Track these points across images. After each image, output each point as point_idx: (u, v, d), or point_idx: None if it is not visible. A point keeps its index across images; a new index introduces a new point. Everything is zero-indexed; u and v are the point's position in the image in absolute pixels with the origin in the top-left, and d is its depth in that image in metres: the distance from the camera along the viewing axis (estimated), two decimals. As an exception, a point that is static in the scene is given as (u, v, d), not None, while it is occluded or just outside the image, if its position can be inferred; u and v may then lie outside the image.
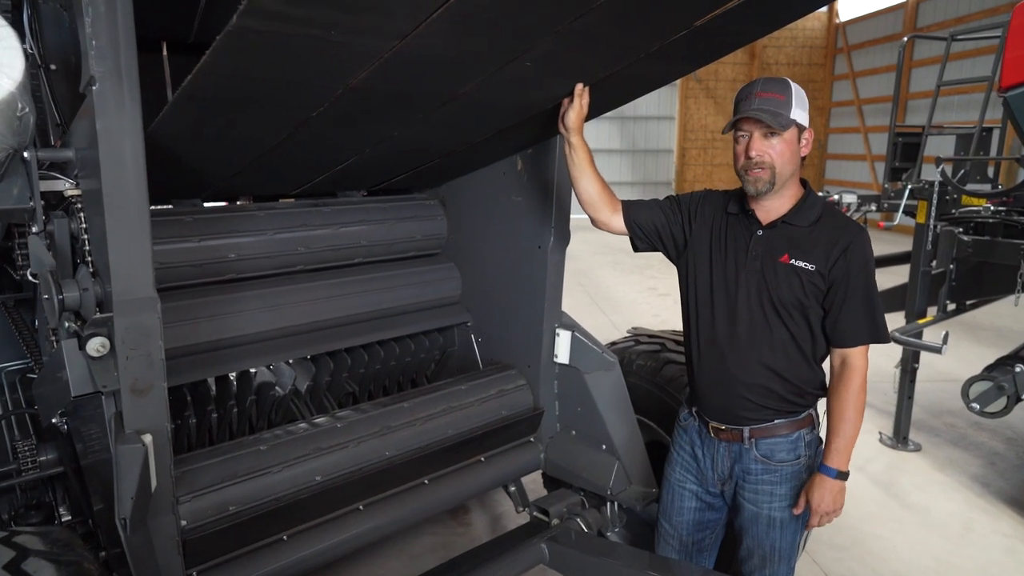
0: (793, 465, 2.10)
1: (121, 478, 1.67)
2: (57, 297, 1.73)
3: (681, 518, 2.31)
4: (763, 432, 2.09)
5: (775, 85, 1.95)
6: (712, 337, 2.12)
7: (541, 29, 1.62)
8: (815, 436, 2.14)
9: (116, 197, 1.60)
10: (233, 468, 2.17)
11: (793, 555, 2.20)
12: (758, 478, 2.13)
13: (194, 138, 1.92)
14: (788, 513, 2.12)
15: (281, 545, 2.22)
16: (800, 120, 1.94)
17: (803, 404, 2.10)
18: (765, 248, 2.02)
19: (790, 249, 1.99)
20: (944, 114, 12.36)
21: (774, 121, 1.90)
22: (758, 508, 2.14)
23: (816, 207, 2.02)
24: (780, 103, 1.92)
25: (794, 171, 1.99)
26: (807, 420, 2.11)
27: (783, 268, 1.99)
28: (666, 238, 2.24)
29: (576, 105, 2.11)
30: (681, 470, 2.30)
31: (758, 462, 2.11)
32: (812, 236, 1.99)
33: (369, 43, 1.48)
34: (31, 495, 2.42)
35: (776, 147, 1.93)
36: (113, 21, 1.50)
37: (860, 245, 1.96)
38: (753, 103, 1.93)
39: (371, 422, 2.52)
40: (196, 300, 2.45)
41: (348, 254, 2.89)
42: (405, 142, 2.27)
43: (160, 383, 1.77)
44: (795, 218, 2.01)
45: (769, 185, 1.96)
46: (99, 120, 1.54)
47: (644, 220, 2.25)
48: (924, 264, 4.54)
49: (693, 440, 2.26)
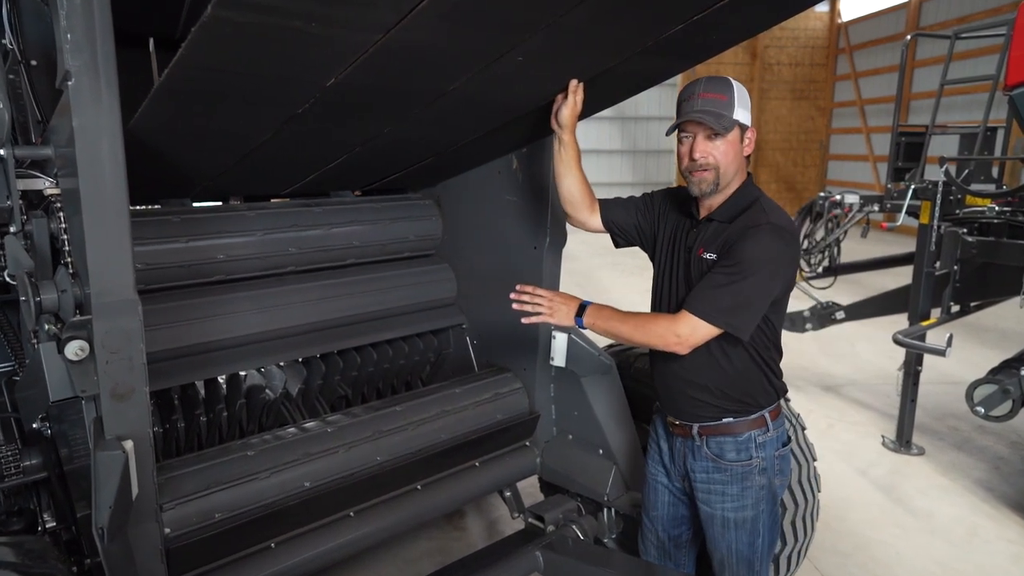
0: (744, 466, 2.07)
1: (100, 486, 1.62)
2: (34, 299, 1.69)
3: (657, 512, 2.32)
4: (712, 430, 2.08)
5: (717, 85, 1.94)
6: None
7: (531, 23, 1.57)
8: (770, 438, 2.09)
9: (94, 196, 1.55)
10: (219, 474, 2.12)
11: (754, 558, 2.16)
12: (709, 476, 2.11)
13: (176, 134, 1.87)
14: (742, 514, 2.10)
15: (269, 553, 2.17)
16: (743, 120, 1.95)
17: (753, 404, 2.06)
18: (694, 242, 2.05)
19: (706, 243, 2.01)
20: (948, 114, 12.29)
21: (717, 124, 1.90)
22: (711, 508, 2.13)
23: (742, 201, 2.00)
24: (722, 104, 1.92)
25: (737, 170, 1.99)
26: (759, 421, 2.07)
27: (697, 260, 2.02)
28: (641, 235, 2.27)
29: (571, 102, 2.11)
30: (653, 464, 2.31)
31: (709, 460, 2.10)
32: (727, 229, 1.98)
33: (351, 36, 1.43)
34: (14, 501, 2.37)
35: (720, 148, 1.94)
36: (89, 13, 1.44)
37: (756, 234, 1.89)
38: (696, 104, 1.93)
39: (362, 426, 2.48)
40: (184, 302, 2.41)
41: (340, 255, 2.84)
42: (396, 140, 2.22)
43: (142, 387, 1.72)
44: (719, 213, 2.02)
45: (713, 186, 1.97)
46: (75, 116, 1.49)
47: (620, 219, 2.28)
48: (928, 265, 4.47)
49: (659, 433, 2.28)
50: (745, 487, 2.08)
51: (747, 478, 2.08)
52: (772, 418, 2.09)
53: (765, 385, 2.07)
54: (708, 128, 1.92)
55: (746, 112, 1.96)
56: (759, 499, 2.09)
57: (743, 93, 1.97)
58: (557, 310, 2.08)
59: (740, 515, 2.10)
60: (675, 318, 1.93)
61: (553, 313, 2.08)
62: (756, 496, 2.09)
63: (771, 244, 1.90)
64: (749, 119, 1.98)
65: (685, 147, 1.98)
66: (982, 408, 3.83)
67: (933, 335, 4.44)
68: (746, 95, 1.98)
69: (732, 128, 1.93)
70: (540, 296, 2.10)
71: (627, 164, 20.42)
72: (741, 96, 1.95)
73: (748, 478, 2.08)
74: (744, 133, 1.98)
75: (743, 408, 2.06)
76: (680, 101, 1.98)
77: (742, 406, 2.06)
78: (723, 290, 1.89)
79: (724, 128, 1.91)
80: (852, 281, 7.64)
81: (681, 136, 2.00)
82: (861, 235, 5.96)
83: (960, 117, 12.47)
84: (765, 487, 2.10)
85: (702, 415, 2.08)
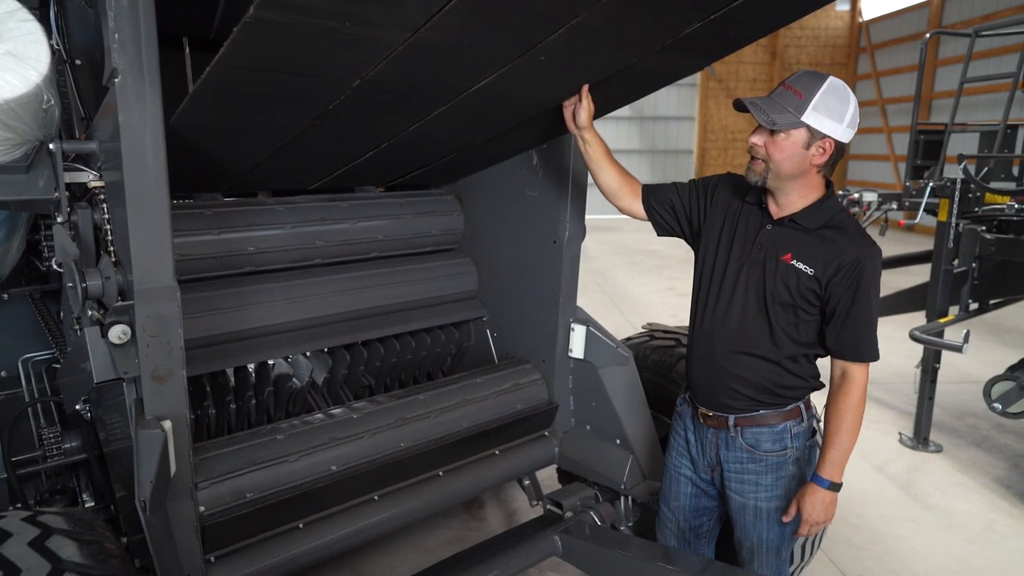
0: (779, 456, 2.10)
1: (141, 462, 1.71)
2: (80, 285, 1.78)
3: (678, 503, 2.34)
4: (748, 421, 2.10)
5: (803, 81, 1.86)
6: (705, 322, 2.14)
7: (554, 22, 1.63)
8: (804, 429, 2.13)
9: (137, 187, 1.64)
10: (251, 456, 2.21)
11: (783, 547, 2.20)
12: (743, 467, 2.14)
13: (213, 131, 1.96)
14: (774, 504, 2.13)
15: (297, 533, 2.25)
16: (817, 125, 1.84)
17: (790, 397, 2.09)
18: (771, 243, 2.02)
19: (795, 249, 1.98)
20: (970, 113, 12.16)
21: (762, 118, 1.86)
22: (744, 498, 2.16)
23: (828, 212, 1.98)
24: (795, 100, 1.84)
25: (798, 174, 1.92)
26: (795, 412, 2.10)
27: (783, 266, 1.98)
28: (683, 222, 2.24)
29: (585, 104, 2.13)
30: (677, 455, 2.33)
31: (743, 451, 2.12)
32: (819, 241, 1.96)
33: (383, 35, 1.51)
34: (55, 481, 2.48)
35: (773, 144, 1.89)
36: (135, 15, 1.53)
37: (871, 262, 1.93)
38: (773, 92, 1.91)
39: (386, 413, 2.55)
40: (215, 292, 2.50)
41: (365, 248, 2.93)
42: (421, 136, 2.29)
43: (179, 371, 1.80)
44: (803, 219, 1.98)
45: (761, 178, 1.94)
46: (121, 112, 1.58)
47: (662, 205, 2.26)
48: (946, 263, 4.48)
49: (687, 425, 2.28)
50: (779, 477, 2.11)
51: (781, 468, 2.11)
52: (806, 408, 2.13)
53: (803, 378, 2.09)
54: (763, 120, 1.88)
55: (826, 119, 1.84)
56: (791, 489, 2.12)
57: (833, 99, 1.83)
58: (828, 516, 2.04)
59: (773, 504, 2.13)
60: (853, 381, 1.98)
61: (828, 519, 2.05)
62: (788, 486, 2.12)
63: (880, 263, 1.96)
64: (830, 127, 1.85)
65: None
66: (999, 404, 3.84)
67: (951, 332, 4.44)
68: (838, 103, 1.84)
69: (788, 128, 1.85)
70: (816, 528, 2.06)
71: (646, 164, 20.40)
72: (826, 101, 1.83)
73: (782, 468, 2.11)
74: (815, 139, 1.86)
75: (780, 400, 2.08)
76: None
77: (780, 399, 2.08)
78: (870, 326, 1.96)
79: (771, 124, 1.85)
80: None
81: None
82: (880, 233, 5.95)
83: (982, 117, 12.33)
84: (797, 477, 2.13)
85: (739, 406, 2.10)
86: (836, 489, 2.02)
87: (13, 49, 1.56)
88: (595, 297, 9.25)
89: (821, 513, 2.01)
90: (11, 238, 2.26)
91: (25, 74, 1.56)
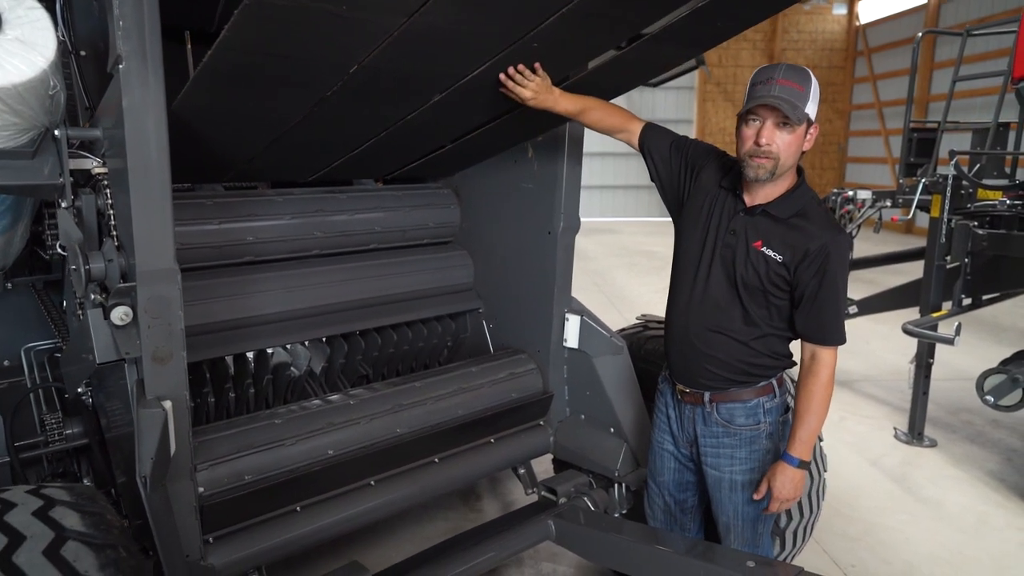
0: (752, 430, 2.18)
1: (142, 440, 1.75)
2: (84, 268, 1.82)
3: (663, 478, 2.42)
4: (723, 397, 2.18)
5: (797, 75, 1.92)
6: (681, 302, 2.21)
7: (545, 9, 1.68)
8: (776, 404, 2.20)
9: (140, 171, 1.68)
10: (249, 439, 2.25)
11: (759, 521, 2.26)
12: (719, 441, 2.21)
13: (214, 116, 2.01)
14: (748, 477, 2.20)
15: (294, 516, 2.29)
16: (812, 115, 1.94)
17: (762, 375, 2.16)
18: (743, 229, 2.07)
19: (765, 236, 2.04)
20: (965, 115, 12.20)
21: (793, 113, 1.88)
22: (720, 472, 2.23)
23: (800, 201, 2.04)
24: (799, 94, 1.90)
25: (794, 163, 2.01)
26: (767, 388, 2.18)
27: (754, 252, 2.04)
28: (666, 182, 2.30)
29: (527, 80, 2.03)
30: (660, 431, 2.41)
31: (719, 425, 2.20)
32: (788, 229, 2.02)
33: (379, 20, 1.55)
34: (57, 465, 2.52)
35: (785, 138, 1.93)
36: (139, 3, 1.58)
37: (838, 249, 1.99)
38: (773, 89, 1.90)
39: (383, 400, 2.59)
40: (215, 281, 2.54)
41: (363, 240, 2.97)
42: (418, 125, 2.33)
43: (180, 352, 1.84)
44: (775, 208, 2.04)
45: (769, 174, 1.98)
46: (125, 97, 1.63)
47: (656, 150, 2.30)
48: (939, 258, 4.52)
49: (667, 402, 2.36)
50: (753, 450, 2.19)
51: (755, 442, 2.19)
52: (778, 384, 2.20)
53: (775, 357, 2.16)
54: (781, 116, 1.90)
55: (815, 107, 1.94)
56: (765, 462, 2.20)
57: (817, 87, 1.94)
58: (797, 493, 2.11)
59: (747, 477, 2.21)
60: (822, 363, 2.05)
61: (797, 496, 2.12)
62: (762, 459, 2.20)
63: (848, 249, 2.03)
64: (814, 112, 1.95)
65: (751, 130, 1.95)
66: (991, 397, 3.88)
67: (944, 327, 4.48)
68: (819, 90, 1.95)
69: (803, 121, 1.91)
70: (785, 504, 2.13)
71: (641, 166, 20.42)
72: (815, 90, 1.93)
73: (756, 442, 2.19)
74: (808, 128, 1.96)
75: (751, 379, 2.16)
76: (754, 83, 1.95)
77: (752, 377, 2.16)
78: (837, 311, 2.02)
79: (798, 119, 1.89)
80: (866, 280, 7.66)
81: (749, 118, 1.96)
82: (874, 230, 6.01)
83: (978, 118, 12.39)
84: (771, 451, 2.20)
85: (713, 385, 2.18)
86: (805, 467, 2.10)
87: (21, 35, 1.60)
88: (594, 297, 9.28)
89: (791, 490, 2.10)
90: (15, 226, 2.30)
91: (32, 59, 1.60)
